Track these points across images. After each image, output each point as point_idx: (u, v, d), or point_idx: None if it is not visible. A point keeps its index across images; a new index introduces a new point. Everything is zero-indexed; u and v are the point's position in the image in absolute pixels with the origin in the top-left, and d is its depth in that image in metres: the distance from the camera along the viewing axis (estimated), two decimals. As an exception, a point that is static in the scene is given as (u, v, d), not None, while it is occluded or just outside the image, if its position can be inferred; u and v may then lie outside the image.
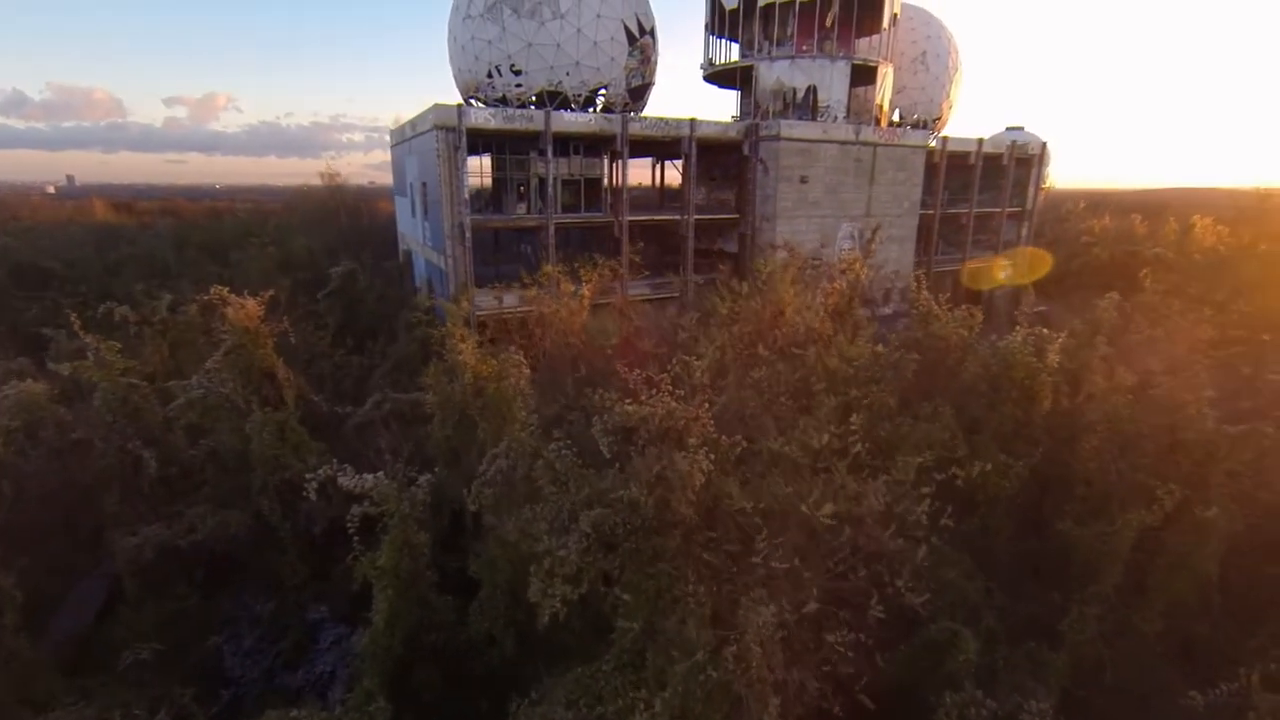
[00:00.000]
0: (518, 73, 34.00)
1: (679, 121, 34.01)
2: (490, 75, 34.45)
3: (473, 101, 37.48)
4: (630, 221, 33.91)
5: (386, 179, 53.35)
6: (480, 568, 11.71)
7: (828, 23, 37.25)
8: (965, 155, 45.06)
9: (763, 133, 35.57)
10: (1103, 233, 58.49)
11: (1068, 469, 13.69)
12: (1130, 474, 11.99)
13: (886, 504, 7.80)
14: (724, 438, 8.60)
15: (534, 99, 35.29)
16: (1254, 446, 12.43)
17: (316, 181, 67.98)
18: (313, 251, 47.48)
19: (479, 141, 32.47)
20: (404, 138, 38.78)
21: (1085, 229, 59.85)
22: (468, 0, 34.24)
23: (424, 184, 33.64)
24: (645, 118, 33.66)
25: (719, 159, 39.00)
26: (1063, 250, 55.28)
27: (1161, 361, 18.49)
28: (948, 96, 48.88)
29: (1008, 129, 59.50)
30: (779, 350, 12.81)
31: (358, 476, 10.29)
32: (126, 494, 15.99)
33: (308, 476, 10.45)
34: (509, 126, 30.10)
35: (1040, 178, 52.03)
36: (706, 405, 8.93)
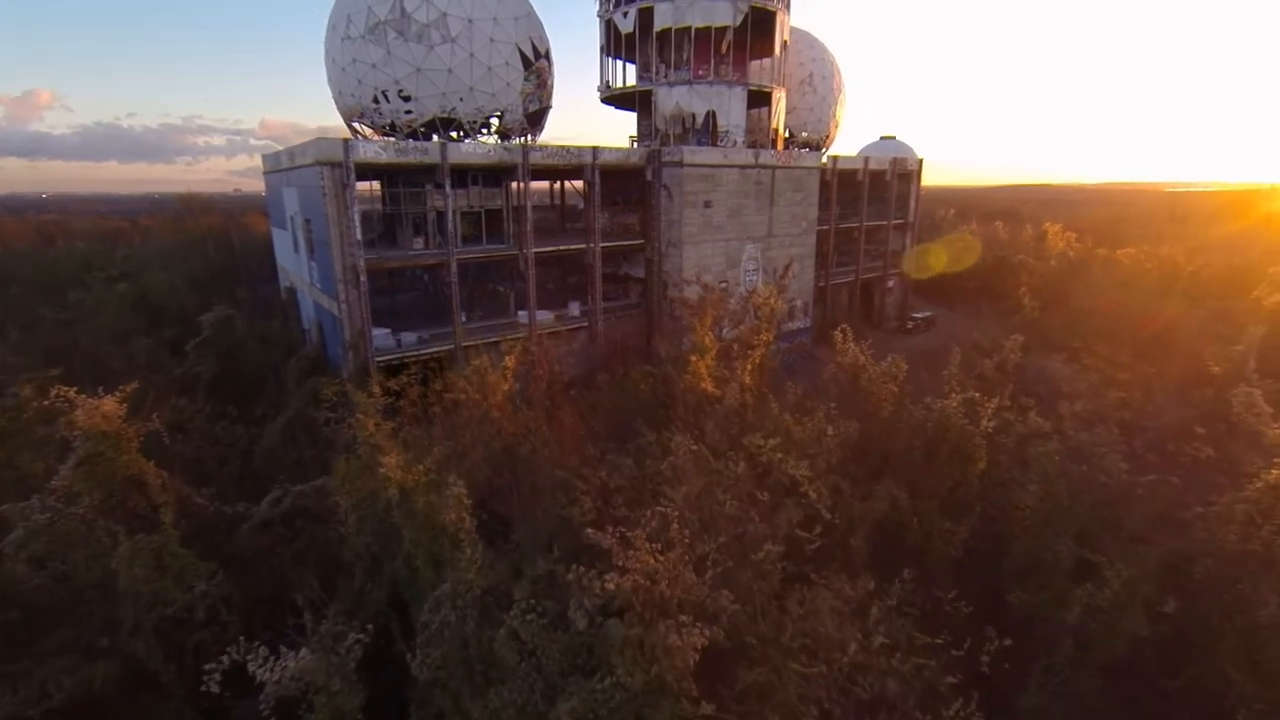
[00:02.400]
0: (407, 99, 31.63)
1: (581, 149, 33.04)
2: (376, 100, 31.85)
3: (357, 126, 34.58)
4: (535, 254, 32.55)
5: (255, 185, 48.37)
6: (424, 722, 10.28)
7: (723, 49, 37.52)
8: (854, 173, 47.45)
9: (665, 159, 35.32)
10: (973, 239, 63.43)
11: (1005, 525, 14.16)
12: (1067, 542, 12.49)
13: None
14: (710, 598, 7.89)
15: (425, 126, 33.03)
16: (1164, 496, 13.40)
17: (169, 189, 60.65)
18: (176, 288, 42.15)
19: (369, 169, 29.93)
20: (280, 166, 35.14)
21: (958, 236, 64.70)
22: (345, 19, 31.34)
23: (308, 220, 30.52)
24: (546, 146, 32.40)
25: (622, 183, 38.38)
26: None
27: (1061, 391, 19.81)
28: (834, 116, 50.95)
29: (882, 138, 63.04)
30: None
31: (273, 662, 8.60)
32: (-47, 655, 12.95)
33: (207, 668, 8.62)
34: (402, 160, 27.89)
35: (919, 190, 55.62)
36: (688, 559, 8.19)
